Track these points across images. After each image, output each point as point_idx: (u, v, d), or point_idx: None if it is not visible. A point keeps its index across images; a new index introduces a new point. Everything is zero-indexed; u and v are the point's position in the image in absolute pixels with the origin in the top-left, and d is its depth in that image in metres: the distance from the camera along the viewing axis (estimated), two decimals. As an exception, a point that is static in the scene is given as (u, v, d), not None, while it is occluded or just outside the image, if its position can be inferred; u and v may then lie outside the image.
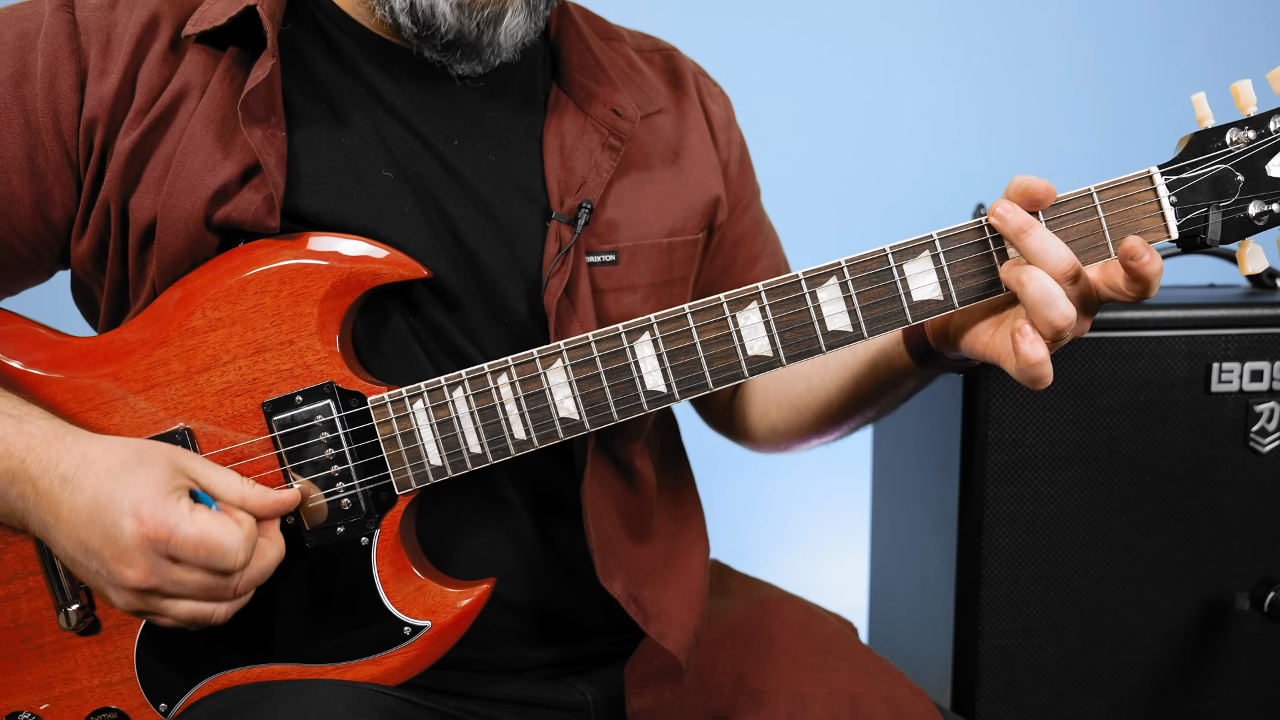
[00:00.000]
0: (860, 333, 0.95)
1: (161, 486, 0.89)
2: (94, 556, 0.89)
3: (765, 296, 0.95)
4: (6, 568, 1.01)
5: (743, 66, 1.82)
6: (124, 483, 0.89)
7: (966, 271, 0.94)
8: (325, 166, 1.01)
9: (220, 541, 0.88)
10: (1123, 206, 0.92)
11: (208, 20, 1.00)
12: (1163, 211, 0.92)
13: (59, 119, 0.99)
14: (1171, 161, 0.93)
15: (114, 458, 0.90)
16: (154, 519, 0.87)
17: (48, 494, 0.91)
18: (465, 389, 0.98)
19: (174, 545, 0.87)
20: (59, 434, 0.92)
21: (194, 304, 0.99)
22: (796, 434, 1.27)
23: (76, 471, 0.90)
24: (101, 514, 0.88)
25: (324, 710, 0.91)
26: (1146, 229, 0.93)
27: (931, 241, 0.94)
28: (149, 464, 0.90)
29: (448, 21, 1.00)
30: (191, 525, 0.88)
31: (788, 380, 1.25)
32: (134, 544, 0.87)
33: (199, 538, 0.87)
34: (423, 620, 0.99)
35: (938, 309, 0.95)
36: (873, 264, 0.94)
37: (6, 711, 1.02)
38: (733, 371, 0.97)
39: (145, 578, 0.88)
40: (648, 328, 0.96)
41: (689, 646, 1.08)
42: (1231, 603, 1.51)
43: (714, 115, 1.24)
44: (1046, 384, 0.92)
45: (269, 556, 0.94)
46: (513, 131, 1.09)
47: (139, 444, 0.93)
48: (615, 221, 1.10)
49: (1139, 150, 2.65)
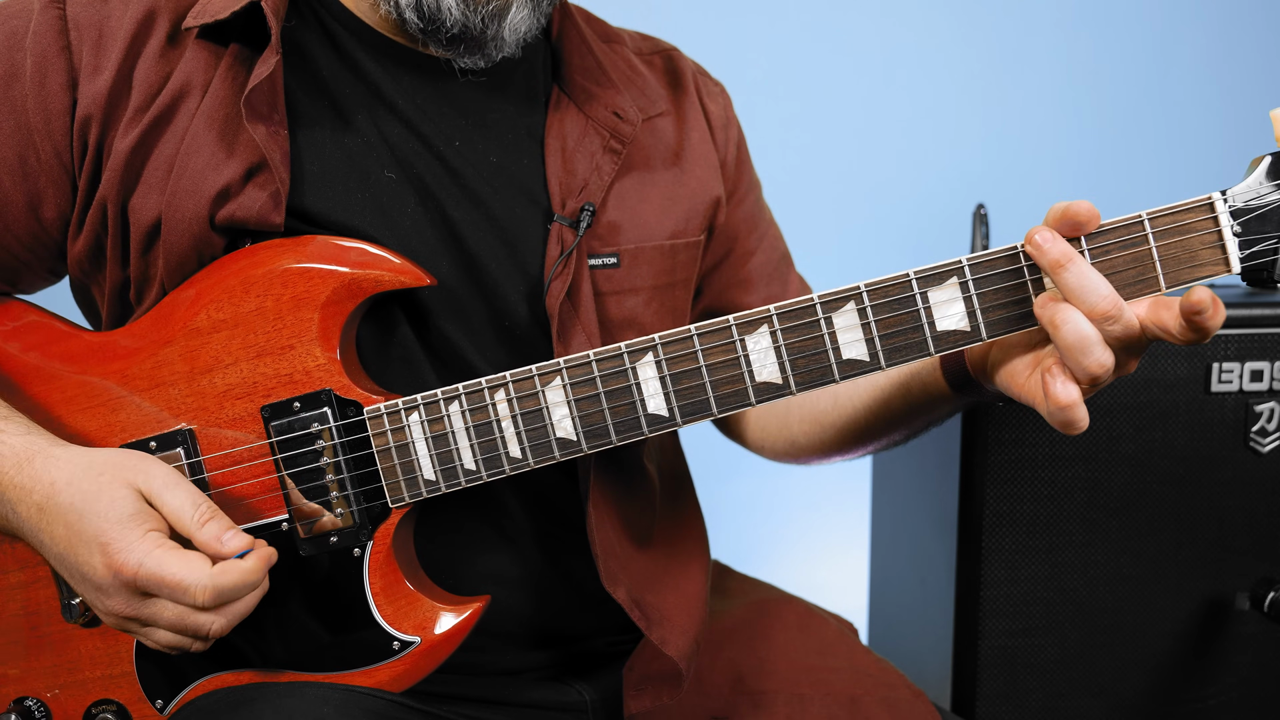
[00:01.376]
0: (878, 363, 0.89)
1: (123, 519, 0.88)
2: (80, 583, 0.91)
3: (777, 320, 0.90)
4: (18, 556, 1.03)
5: (742, 66, 1.82)
6: (89, 517, 0.88)
7: (997, 301, 0.86)
8: (329, 165, 1.01)
9: (180, 579, 0.86)
10: (1177, 236, 0.83)
11: (209, 13, 0.99)
12: (1223, 242, 0.83)
13: (50, 119, 0.98)
14: (1239, 186, 0.83)
15: (76, 488, 0.90)
16: (119, 557, 0.87)
17: (29, 520, 0.92)
18: (461, 403, 0.96)
19: (140, 582, 0.87)
20: (29, 456, 0.92)
21: (199, 305, 0.99)
22: (818, 450, 1.22)
23: (48, 502, 0.90)
24: (76, 548, 0.89)
25: (311, 712, 0.91)
26: (1203, 261, 0.83)
27: (960, 267, 0.86)
28: (109, 492, 0.89)
29: (453, 16, 1.00)
30: (152, 563, 0.87)
31: (812, 393, 1.18)
32: (106, 580, 0.88)
33: (158, 576, 0.86)
34: (412, 635, 0.98)
35: (963, 341, 0.87)
36: (894, 289, 0.87)
37: (18, 695, 1.03)
38: (739, 399, 0.91)
39: (123, 609, 0.89)
40: (651, 348, 0.92)
41: (689, 653, 1.08)
42: (1231, 603, 1.51)
43: (713, 114, 1.24)
44: (1081, 428, 0.84)
45: (241, 598, 0.90)
46: (514, 133, 1.09)
47: (100, 464, 0.91)
48: (617, 224, 1.09)
49: (1139, 150, 2.66)
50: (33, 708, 1.03)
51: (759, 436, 1.28)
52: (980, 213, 1.72)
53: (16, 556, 1.03)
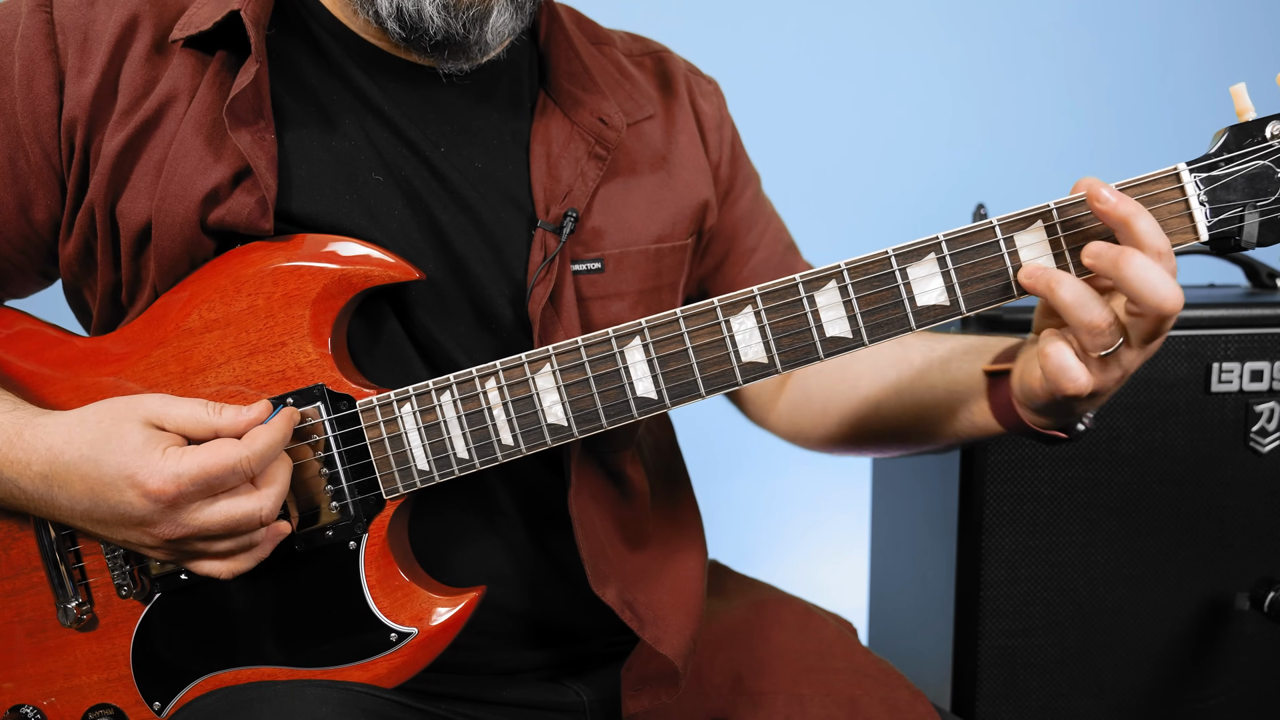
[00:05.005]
0: (860, 339, 0.91)
1: (139, 448, 0.89)
2: (118, 528, 0.91)
3: (760, 300, 0.92)
4: (12, 563, 1.02)
5: (741, 66, 1.82)
6: (104, 460, 0.89)
7: (975, 276, 0.90)
8: (317, 169, 1.01)
9: (221, 462, 0.88)
10: (1147, 206, 0.86)
11: (194, 25, 1.00)
12: (1190, 211, 0.86)
13: (38, 121, 0.99)
14: (1203, 157, 0.87)
15: (81, 440, 0.90)
16: (152, 480, 0.88)
17: (36, 495, 0.93)
18: (453, 393, 0.97)
19: (182, 493, 0.88)
20: (18, 430, 0.93)
21: (190, 306, 0.99)
22: (851, 446, 1.25)
23: (53, 467, 0.91)
24: (103, 496, 0.89)
25: (310, 712, 0.91)
26: (1173, 230, 0.86)
27: (938, 243, 0.89)
28: (114, 431, 0.90)
29: (435, 24, 1.00)
30: (187, 465, 0.88)
31: (851, 401, 1.21)
32: (147, 509, 0.89)
33: (197, 473, 0.88)
34: (409, 627, 0.98)
35: (943, 315, 0.90)
36: (874, 267, 0.90)
37: (13, 703, 1.03)
38: (726, 379, 0.93)
39: (173, 530, 0.90)
40: (638, 332, 0.94)
41: (686, 652, 1.07)
42: (1231, 603, 1.51)
43: (705, 115, 1.23)
44: (1077, 381, 0.87)
45: (277, 459, 0.93)
46: (499, 139, 1.09)
47: (92, 415, 0.92)
48: (601, 229, 1.10)
49: (1139, 150, 2.65)
50: (29, 715, 1.03)
51: (794, 427, 1.30)
52: (980, 212, 1.72)
53: (10, 563, 1.02)
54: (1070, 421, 0.99)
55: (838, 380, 1.22)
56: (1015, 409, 1.00)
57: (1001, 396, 1.02)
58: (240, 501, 0.90)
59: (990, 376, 1.04)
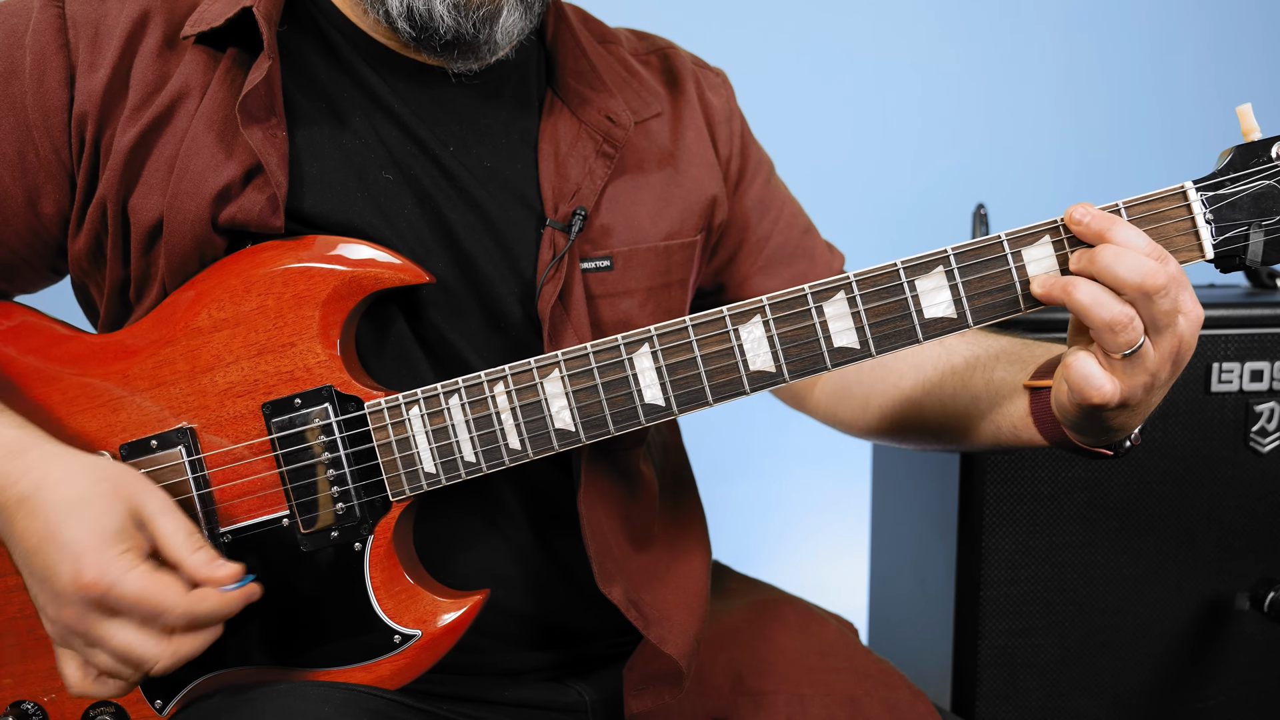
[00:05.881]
0: (868, 350, 0.92)
1: (105, 534, 0.87)
2: (38, 584, 0.90)
3: (769, 310, 0.92)
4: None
5: (742, 67, 1.82)
6: (73, 522, 0.87)
7: (983, 289, 0.90)
8: (327, 166, 1.01)
9: (158, 600, 0.86)
10: (1153, 223, 0.87)
11: (205, 21, 1.00)
12: (1196, 229, 0.88)
13: (48, 115, 0.99)
14: (1209, 176, 0.88)
15: (71, 488, 0.89)
16: (91, 572, 0.86)
17: (5, 508, 0.91)
18: (461, 397, 0.97)
19: (109, 600, 0.86)
20: (24, 447, 0.92)
21: (200, 304, 0.99)
22: (891, 438, 1.25)
23: (35, 494, 0.89)
24: (46, 548, 0.88)
25: (312, 711, 0.91)
26: (1178, 247, 0.88)
27: (946, 256, 0.90)
28: (101, 502, 0.89)
29: (445, 23, 1.00)
30: (129, 582, 0.86)
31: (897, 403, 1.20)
32: (68, 591, 0.87)
33: (135, 594, 0.86)
34: (413, 629, 0.98)
35: (951, 328, 0.91)
36: (883, 279, 0.91)
37: (14, 699, 1.03)
38: (734, 388, 0.94)
39: (74, 622, 0.88)
40: (647, 339, 0.94)
41: (690, 651, 1.08)
42: (1231, 603, 1.51)
43: (713, 109, 1.23)
44: (1099, 399, 0.87)
45: (208, 628, 0.90)
46: (508, 138, 1.09)
47: (103, 471, 0.91)
48: (610, 227, 1.10)
49: (1138, 150, 2.66)
50: (30, 711, 1.02)
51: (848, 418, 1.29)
52: (980, 213, 1.72)
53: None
54: (1114, 439, 0.98)
55: (879, 378, 1.21)
56: (1058, 425, 0.99)
57: (1045, 411, 1.01)
58: (146, 641, 0.88)
59: (1031, 392, 1.04)
